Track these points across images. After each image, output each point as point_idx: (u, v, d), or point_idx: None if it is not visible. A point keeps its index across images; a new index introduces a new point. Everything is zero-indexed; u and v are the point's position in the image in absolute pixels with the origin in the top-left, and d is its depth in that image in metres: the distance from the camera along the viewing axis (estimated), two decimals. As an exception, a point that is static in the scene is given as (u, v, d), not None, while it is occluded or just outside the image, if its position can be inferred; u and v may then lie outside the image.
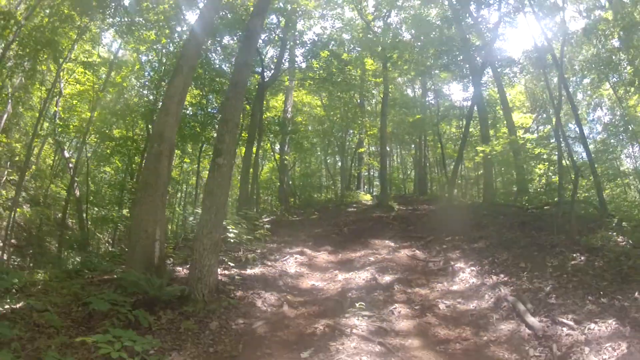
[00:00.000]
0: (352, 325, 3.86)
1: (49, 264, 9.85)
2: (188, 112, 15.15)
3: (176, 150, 17.26)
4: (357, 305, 4.31)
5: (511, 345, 3.57)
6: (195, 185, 19.44)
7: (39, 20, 11.08)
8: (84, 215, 14.52)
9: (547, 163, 13.70)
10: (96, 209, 15.58)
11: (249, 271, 5.79)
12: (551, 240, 6.43)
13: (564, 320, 3.78)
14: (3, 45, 10.11)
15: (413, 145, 21.87)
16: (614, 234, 6.60)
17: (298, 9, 14.84)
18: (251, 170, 14.78)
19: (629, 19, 14.30)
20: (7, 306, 3.97)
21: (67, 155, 15.63)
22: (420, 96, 20.16)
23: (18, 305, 4.01)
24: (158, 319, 4.04)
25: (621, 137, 15.59)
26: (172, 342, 3.64)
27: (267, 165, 21.77)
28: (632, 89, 15.62)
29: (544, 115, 22.24)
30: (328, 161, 23.33)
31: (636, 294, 4.17)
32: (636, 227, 6.98)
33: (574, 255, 5.54)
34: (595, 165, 10.02)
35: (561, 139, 8.87)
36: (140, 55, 15.34)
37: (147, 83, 15.31)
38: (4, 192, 14.89)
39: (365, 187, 22.86)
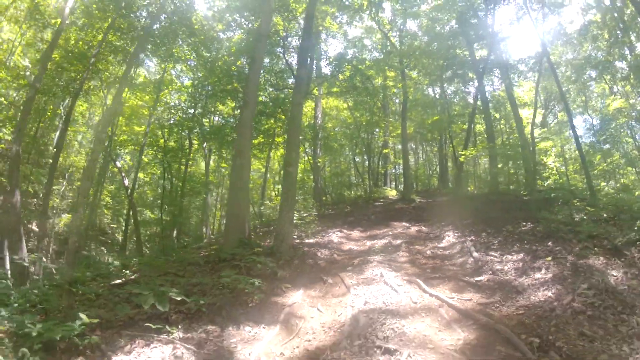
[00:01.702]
0: (373, 259, 7.52)
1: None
2: (230, 120, 19.38)
3: (213, 156, 21.63)
4: (376, 251, 8.01)
5: (459, 266, 7.19)
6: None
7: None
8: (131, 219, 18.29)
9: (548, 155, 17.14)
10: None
11: (306, 241, 9.59)
12: (519, 215, 9.90)
13: (493, 254, 7.35)
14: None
15: (436, 143, 25.35)
16: (573, 211, 9.98)
17: (323, 30, 18.65)
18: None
19: (614, 22, 17.49)
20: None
21: (118, 165, 19.88)
22: (440, 96, 23.60)
23: (132, 277, 7.57)
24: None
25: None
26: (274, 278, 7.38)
27: (300, 167, 25.65)
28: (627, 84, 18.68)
29: (557, 109, 25.36)
30: (357, 160, 27.02)
31: (549, 243, 7.67)
32: (587, 206, 10.33)
33: (525, 223, 9.03)
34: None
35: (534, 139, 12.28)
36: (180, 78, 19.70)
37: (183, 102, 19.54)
38: (57, 200, 19.19)
39: (393, 184, 26.44)
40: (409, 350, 3.70)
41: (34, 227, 16.35)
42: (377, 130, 23.80)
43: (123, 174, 19.03)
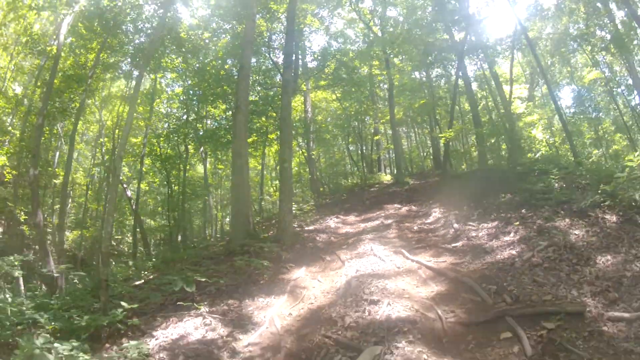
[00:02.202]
0: (366, 237, 8.65)
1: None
2: (222, 122, 20.49)
3: (209, 159, 22.69)
4: (369, 231, 9.16)
5: (440, 236, 8.35)
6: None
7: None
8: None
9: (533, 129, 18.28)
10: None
11: (306, 228, 10.74)
12: (501, 188, 11.03)
13: (471, 224, 8.49)
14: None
15: (427, 125, 26.43)
16: (553, 181, 11.10)
17: (305, 28, 19.68)
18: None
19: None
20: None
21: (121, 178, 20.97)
22: (426, 79, 24.63)
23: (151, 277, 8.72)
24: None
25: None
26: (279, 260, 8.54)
27: (295, 161, 26.83)
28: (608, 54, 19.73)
29: (542, 82, 26.45)
30: (350, 149, 28.15)
31: (523, 210, 8.79)
32: (565, 176, 11.46)
33: (504, 195, 10.15)
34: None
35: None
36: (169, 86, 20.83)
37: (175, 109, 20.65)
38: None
39: (388, 169, 27.55)
40: (388, 300, 4.84)
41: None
42: (368, 118, 24.92)
43: (125, 185, 20.14)
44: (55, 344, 4.49)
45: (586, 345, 3.77)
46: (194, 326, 5.19)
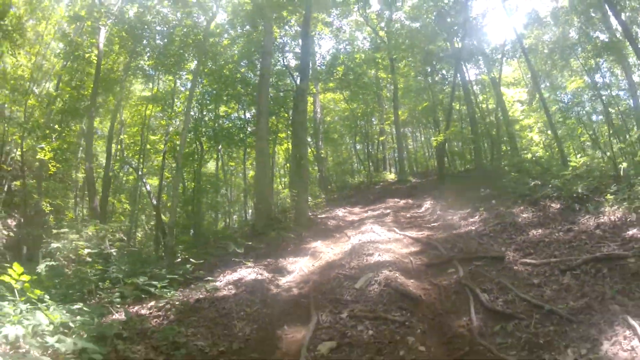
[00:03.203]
0: (367, 221, 11.55)
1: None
2: (236, 121, 23.43)
3: (223, 155, 25.58)
4: (371, 218, 12.08)
5: (425, 220, 11.25)
6: (245, 184, 27.60)
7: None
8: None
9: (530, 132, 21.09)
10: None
11: (319, 216, 13.67)
12: (483, 184, 13.90)
13: (450, 211, 11.40)
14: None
15: (431, 126, 29.28)
16: (529, 179, 13.93)
17: (316, 35, 22.62)
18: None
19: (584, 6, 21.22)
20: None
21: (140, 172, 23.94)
22: (430, 82, 27.48)
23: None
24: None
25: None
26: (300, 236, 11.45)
27: (304, 159, 29.92)
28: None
29: (543, 85, 29.20)
30: (357, 147, 31.08)
31: (493, 201, 11.65)
32: (543, 173, 14.28)
33: (483, 190, 13.01)
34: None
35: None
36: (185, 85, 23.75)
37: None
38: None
39: (393, 168, 30.43)
40: (379, 253, 7.73)
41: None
42: (374, 118, 27.84)
43: (145, 180, 23.09)
44: (153, 282, 7.43)
45: (499, 274, 6.62)
46: (247, 273, 8.10)
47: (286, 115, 22.98)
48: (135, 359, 5.08)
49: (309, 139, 25.13)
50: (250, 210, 29.15)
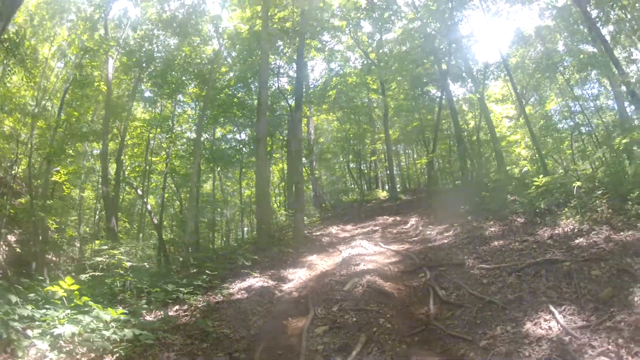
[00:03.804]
0: (357, 238, 13.60)
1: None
2: (232, 142, 25.56)
3: (218, 175, 27.56)
4: (361, 234, 14.13)
5: (408, 235, 13.32)
6: (240, 203, 29.62)
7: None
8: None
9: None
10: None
11: (314, 233, 15.72)
12: (464, 201, 16.00)
13: (430, 227, 13.48)
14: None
15: (422, 145, 31.52)
16: (507, 195, 16.05)
17: (309, 60, 24.90)
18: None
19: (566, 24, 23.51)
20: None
21: (139, 192, 25.93)
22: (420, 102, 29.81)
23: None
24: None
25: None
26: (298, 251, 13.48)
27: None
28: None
29: (532, 100, 31.58)
30: (351, 166, 33.26)
31: (469, 217, 13.73)
32: (517, 187, 16.40)
33: (462, 206, 15.10)
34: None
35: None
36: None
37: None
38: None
39: (386, 186, 32.57)
40: (364, 263, 9.76)
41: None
42: (367, 139, 30.08)
43: (146, 200, 25.04)
44: (180, 289, 9.42)
45: (457, 277, 8.63)
46: (255, 281, 10.09)
47: (281, 137, 25.19)
48: (176, 344, 7.03)
49: (304, 160, 27.29)
50: (246, 229, 31.19)
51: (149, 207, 25.34)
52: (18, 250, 18.15)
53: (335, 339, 6.27)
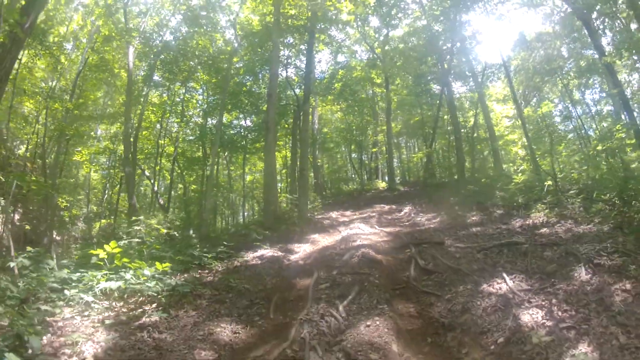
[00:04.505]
0: (355, 221, 15.90)
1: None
2: (238, 130, 27.82)
3: (222, 161, 29.89)
4: (359, 219, 16.46)
5: (400, 221, 15.65)
6: (243, 188, 31.92)
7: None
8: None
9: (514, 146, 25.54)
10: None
11: (316, 217, 18.04)
12: (452, 193, 18.31)
13: (421, 214, 15.84)
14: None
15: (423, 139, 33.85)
16: (496, 190, 18.35)
17: (316, 54, 27.09)
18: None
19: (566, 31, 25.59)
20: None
21: (147, 173, 28.20)
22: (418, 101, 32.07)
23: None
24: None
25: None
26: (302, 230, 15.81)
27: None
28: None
29: (534, 100, 33.76)
30: (353, 156, 35.59)
31: (456, 207, 16.05)
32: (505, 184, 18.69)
33: (452, 198, 17.41)
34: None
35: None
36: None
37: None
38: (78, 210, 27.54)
39: (386, 177, 34.91)
40: (360, 240, 12.06)
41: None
42: (369, 130, 32.36)
43: (153, 181, 27.33)
44: (204, 254, 11.74)
45: (436, 252, 10.92)
46: (266, 252, 12.41)
47: (286, 125, 27.45)
48: (206, 294, 9.32)
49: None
50: (246, 213, 33.57)
51: (155, 188, 27.60)
52: (27, 227, 19.96)
53: (335, 291, 8.53)
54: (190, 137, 28.50)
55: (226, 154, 27.62)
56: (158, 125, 26.54)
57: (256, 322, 7.87)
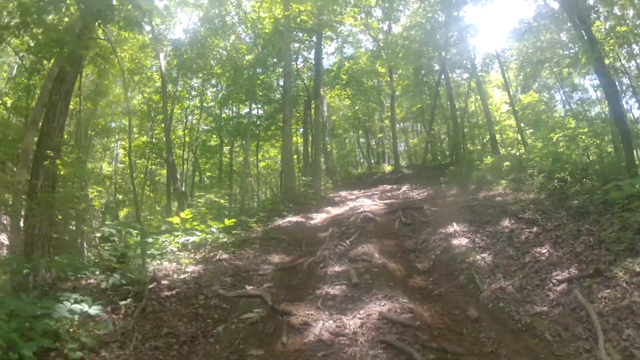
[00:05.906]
0: (361, 197, 22.03)
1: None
2: (253, 120, 33.97)
3: (237, 148, 35.96)
4: (364, 196, 22.62)
5: (397, 196, 21.81)
6: (257, 173, 38.06)
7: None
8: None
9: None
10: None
11: (328, 195, 24.19)
12: (444, 174, 24.33)
13: (415, 190, 21.96)
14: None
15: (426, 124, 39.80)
16: (485, 172, 24.34)
17: (324, 48, 33.11)
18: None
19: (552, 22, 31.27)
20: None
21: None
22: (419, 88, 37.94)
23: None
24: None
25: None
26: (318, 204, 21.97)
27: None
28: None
29: (535, 85, 39.49)
30: (361, 141, 41.65)
31: (443, 185, 22.14)
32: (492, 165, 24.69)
33: (443, 177, 23.45)
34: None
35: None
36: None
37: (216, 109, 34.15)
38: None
39: (392, 161, 40.93)
40: (363, 208, 18.15)
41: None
42: (375, 117, 38.42)
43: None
44: (249, 219, 17.92)
45: (416, 213, 16.95)
46: (292, 218, 18.54)
47: (297, 114, 33.60)
48: (256, 242, 15.45)
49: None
50: (256, 198, 39.77)
51: (178, 175, 33.67)
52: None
53: (343, 236, 14.61)
54: (205, 127, 34.58)
55: (243, 142, 33.67)
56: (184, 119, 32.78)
57: (293, 252, 14.03)
